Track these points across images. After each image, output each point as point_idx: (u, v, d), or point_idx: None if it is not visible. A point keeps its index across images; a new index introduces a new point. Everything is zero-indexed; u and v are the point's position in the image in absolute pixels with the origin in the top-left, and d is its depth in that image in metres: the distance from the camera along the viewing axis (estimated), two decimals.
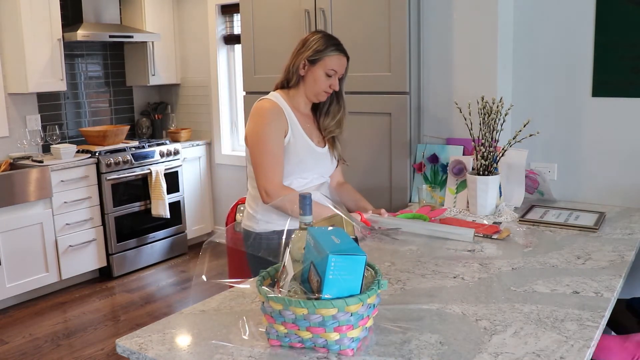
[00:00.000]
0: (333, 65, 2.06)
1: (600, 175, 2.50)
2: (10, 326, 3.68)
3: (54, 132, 4.38)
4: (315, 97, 2.11)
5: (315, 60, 2.05)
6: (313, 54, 2.05)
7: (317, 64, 2.05)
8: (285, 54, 2.96)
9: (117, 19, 4.81)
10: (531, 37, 2.56)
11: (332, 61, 2.05)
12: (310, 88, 2.08)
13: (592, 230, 2.10)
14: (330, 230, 1.31)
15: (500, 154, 2.31)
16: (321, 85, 2.07)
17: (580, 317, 1.39)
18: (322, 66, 2.05)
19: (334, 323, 1.20)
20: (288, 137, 2.06)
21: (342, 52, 2.10)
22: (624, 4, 2.35)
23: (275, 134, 2.01)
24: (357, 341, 1.25)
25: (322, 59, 2.04)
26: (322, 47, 2.05)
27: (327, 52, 2.05)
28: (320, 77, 2.06)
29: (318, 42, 2.06)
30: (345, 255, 1.18)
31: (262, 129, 2.02)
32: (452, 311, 1.45)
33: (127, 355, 1.31)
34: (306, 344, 1.25)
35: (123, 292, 4.21)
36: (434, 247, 1.97)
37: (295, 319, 1.22)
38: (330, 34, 2.14)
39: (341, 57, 2.09)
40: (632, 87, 2.38)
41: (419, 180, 2.65)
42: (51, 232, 4.05)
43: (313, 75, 2.06)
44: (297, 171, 2.09)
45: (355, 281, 1.21)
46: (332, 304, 1.18)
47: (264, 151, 2.01)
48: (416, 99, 2.69)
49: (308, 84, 2.08)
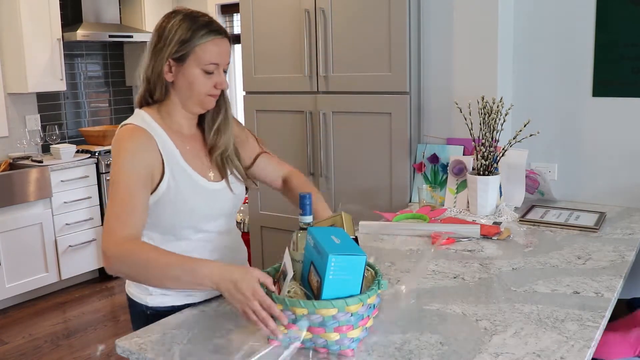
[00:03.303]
0: (211, 57, 1.46)
1: (600, 175, 2.49)
2: (10, 326, 3.68)
3: (54, 132, 4.38)
4: (197, 106, 1.51)
5: (183, 56, 1.45)
6: (177, 47, 1.44)
7: (187, 60, 1.45)
8: (285, 54, 2.98)
9: (117, 19, 4.81)
10: (531, 37, 2.56)
11: (208, 51, 1.45)
12: (186, 96, 1.49)
13: (592, 230, 2.10)
14: (330, 230, 1.31)
15: (500, 154, 2.31)
16: (201, 89, 1.47)
17: (580, 317, 1.39)
18: (195, 61, 1.45)
19: (334, 323, 1.20)
20: (166, 180, 1.46)
21: (219, 32, 1.47)
22: (624, 4, 2.35)
23: (132, 172, 1.40)
24: (357, 341, 1.25)
25: (193, 52, 1.44)
26: (188, 34, 1.44)
27: (197, 40, 1.44)
28: (197, 78, 1.46)
29: (179, 29, 1.44)
30: (345, 256, 1.18)
31: (116, 168, 1.41)
32: (452, 311, 1.45)
33: (127, 355, 1.31)
34: (306, 344, 1.24)
35: (123, 292, 4.18)
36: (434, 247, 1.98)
37: (295, 319, 1.21)
38: (193, 11, 1.49)
39: (218, 40, 1.47)
40: (632, 87, 2.38)
41: (419, 180, 2.65)
42: (51, 232, 4.05)
43: (187, 78, 1.46)
44: (189, 224, 1.51)
45: (355, 281, 1.21)
46: (332, 304, 1.17)
47: (115, 196, 1.39)
48: (416, 99, 2.69)
49: (182, 91, 1.48)
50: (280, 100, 3.01)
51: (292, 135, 3.00)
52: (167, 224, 1.50)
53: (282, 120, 3.01)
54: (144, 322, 1.50)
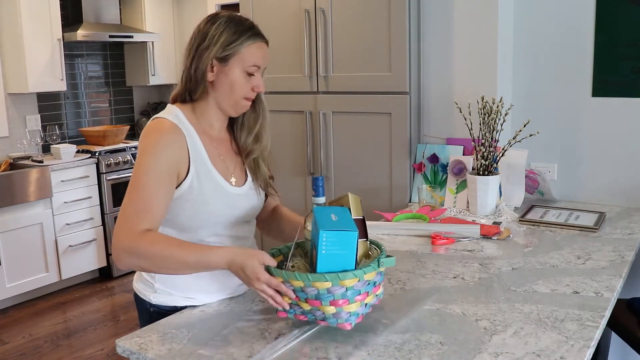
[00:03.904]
0: (255, 59, 1.49)
1: (600, 175, 2.49)
2: (10, 326, 3.68)
3: (54, 132, 4.38)
4: (234, 108, 1.53)
5: (227, 56, 1.47)
6: (223, 48, 1.47)
7: (230, 60, 1.48)
8: (285, 54, 2.98)
9: (117, 19, 4.81)
10: (531, 37, 2.56)
11: (252, 53, 1.49)
12: (225, 97, 1.51)
13: (592, 230, 2.10)
14: (333, 209, 1.34)
15: (500, 154, 2.31)
16: (241, 91, 1.50)
17: (580, 317, 1.39)
18: (240, 63, 1.48)
19: (329, 296, 1.25)
20: (189, 179, 1.46)
21: (262, 37, 1.53)
22: (624, 4, 2.35)
23: (157, 167, 1.40)
24: (356, 315, 1.29)
25: (238, 53, 1.47)
26: (234, 36, 1.47)
27: (243, 42, 1.48)
28: (239, 79, 1.49)
29: (226, 30, 1.48)
30: (336, 231, 1.23)
31: (141, 160, 1.41)
32: (452, 311, 1.45)
33: (127, 355, 1.31)
34: (308, 317, 1.31)
35: (123, 292, 4.20)
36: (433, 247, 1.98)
37: (294, 291, 1.27)
38: (236, 15, 1.54)
39: (262, 43, 1.52)
40: (632, 87, 2.38)
41: (419, 180, 2.65)
42: (51, 232, 4.05)
43: (228, 79, 1.48)
44: (206, 226, 1.51)
45: (349, 256, 1.25)
46: (325, 277, 1.23)
47: (133, 189, 1.39)
48: (416, 99, 2.69)
49: (222, 91, 1.50)
50: (280, 100, 3.01)
51: (292, 135, 3.00)
52: (183, 223, 1.49)
53: (282, 120, 3.01)
54: (147, 319, 1.54)
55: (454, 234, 2.03)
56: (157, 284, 1.55)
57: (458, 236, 2.03)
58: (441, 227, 2.09)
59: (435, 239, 2.00)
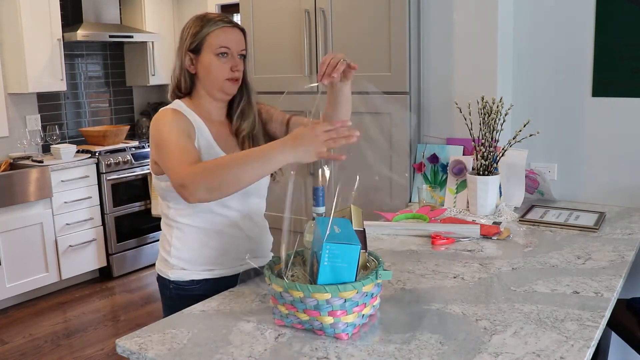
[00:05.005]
0: (220, 41, 1.62)
1: (600, 175, 2.49)
2: (10, 326, 3.68)
3: (54, 132, 4.38)
4: (219, 91, 1.66)
5: (197, 46, 1.63)
6: (192, 40, 1.63)
7: (202, 49, 1.63)
8: (285, 54, 2.98)
9: (117, 19, 4.81)
10: (531, 37, 2.56)
11: (216, 36, 1.62)
12: (208, 83, 1.65)
13: (592, 230, 2.10)
14: (335, 221, 1.35)
15: (500, 154, 2.31)
16: (218, 73, 1.63)
17: (580, 317, 1.39)
18: (209, 48, 1.62)
19: (328, 307, 1.27)
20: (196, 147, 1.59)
21: (228, 23, 1.65)
22: (624, 4, 2.35)
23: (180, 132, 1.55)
24: (353, 326, 1.31)
25: (205, 40, 1.62)
26: (199, 27, 1.63)
27: (207, 30, 1.62)
28: (213, 62, 1.62)
29: (194, 25, 1.65)
30: (339, 244, 1.25)
31: (162, 133, 1.56)
32: (452, 311, 1.45)
33: (127, 355, 1.31)
34: (305, 326, 1.32)
35: (123, 292, 4.21)
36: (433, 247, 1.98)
37: (293, 301, 1.30)
38: (208, 12, 1.70)
39: (227, 29, 1.64)
40: (632, 87, 2.38)
41: (419, 180, 2.65)
42: (51, 232, 4.05)
43: (204, 66, 1.63)
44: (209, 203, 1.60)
45: (350, 269, 1.27)
46: (325, 289, 1.25)
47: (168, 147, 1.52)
48: (416, 99, 2.69)
49: (204, 79, 1.65)
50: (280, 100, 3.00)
51: None
52: None
53: None
54: (168, 296, 1.70)
55: (454, 234, 2.03)
56: (173, 259, 1.68)
57: (458, 236, 2.04)
58: (441, 227, 2.09)
59: (435, 239, 2.00)
